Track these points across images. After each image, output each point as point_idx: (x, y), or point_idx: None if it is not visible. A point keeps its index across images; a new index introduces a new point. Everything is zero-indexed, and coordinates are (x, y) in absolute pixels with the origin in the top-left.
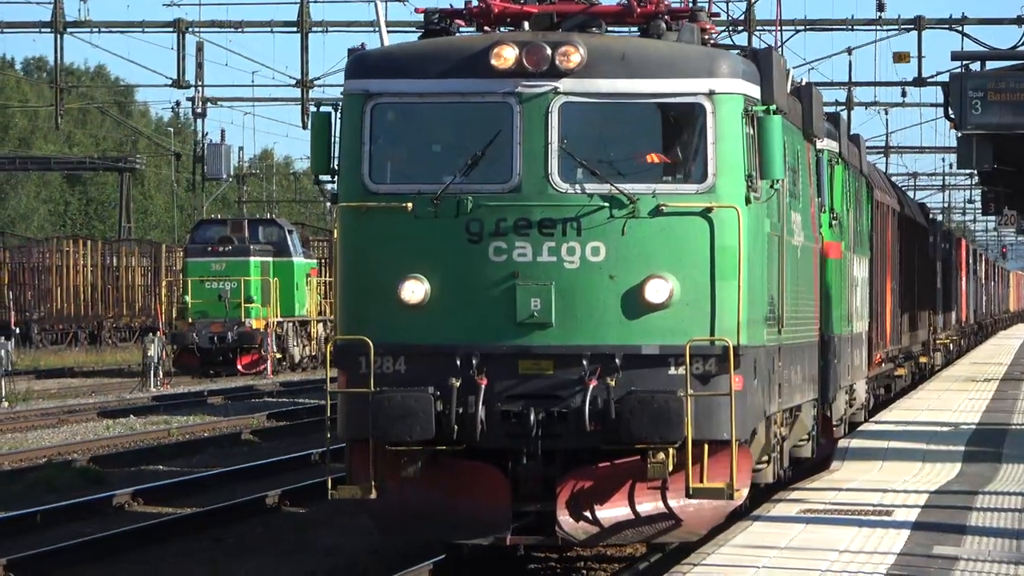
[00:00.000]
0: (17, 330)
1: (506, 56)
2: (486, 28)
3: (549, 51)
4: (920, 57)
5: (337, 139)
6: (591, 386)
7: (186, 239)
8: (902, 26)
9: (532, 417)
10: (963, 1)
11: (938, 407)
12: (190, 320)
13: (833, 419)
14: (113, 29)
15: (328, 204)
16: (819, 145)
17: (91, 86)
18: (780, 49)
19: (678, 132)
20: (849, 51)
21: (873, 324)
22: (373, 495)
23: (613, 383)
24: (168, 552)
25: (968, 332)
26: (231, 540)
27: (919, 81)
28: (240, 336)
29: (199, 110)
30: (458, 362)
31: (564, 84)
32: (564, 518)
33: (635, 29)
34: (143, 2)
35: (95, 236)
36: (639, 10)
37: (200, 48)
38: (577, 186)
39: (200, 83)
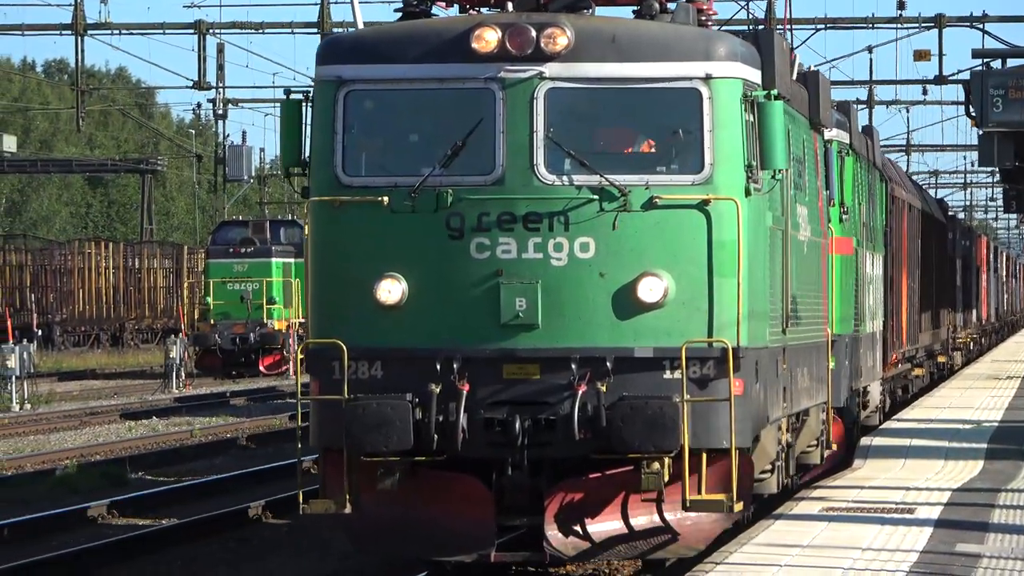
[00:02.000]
0: (39, 332)
1: (488, 39)
2: (469, 9)
3: (534, 33)
4: (941, 55)
5: (309, 129)
6: (580, 391)
7: (208, 240)
8: (922, 24)
9: (517, 425)
10: None
11: (960, 405)
12: (212, 321)
13: (844, 423)
14: (134, 31)
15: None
16: (827, 135)
17: (112, 88)
18: (796, 60)
19: (672, 119)
20: (869, 49)
21: (888, 323)
22: (347, 509)
23: (604, 388)
24: (194, 552)
25: (989, 330)
26: (255, 541)
27: (940, 79)
28: (262, 337)
29: (220, 112)
30: (438, 367)
31: (550, 69)
32: (552, 533)
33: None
34: (163, 4)
35: (117, 238)
36: None
37: (221, 50)
38: (564, 178)
39: (221, 85)
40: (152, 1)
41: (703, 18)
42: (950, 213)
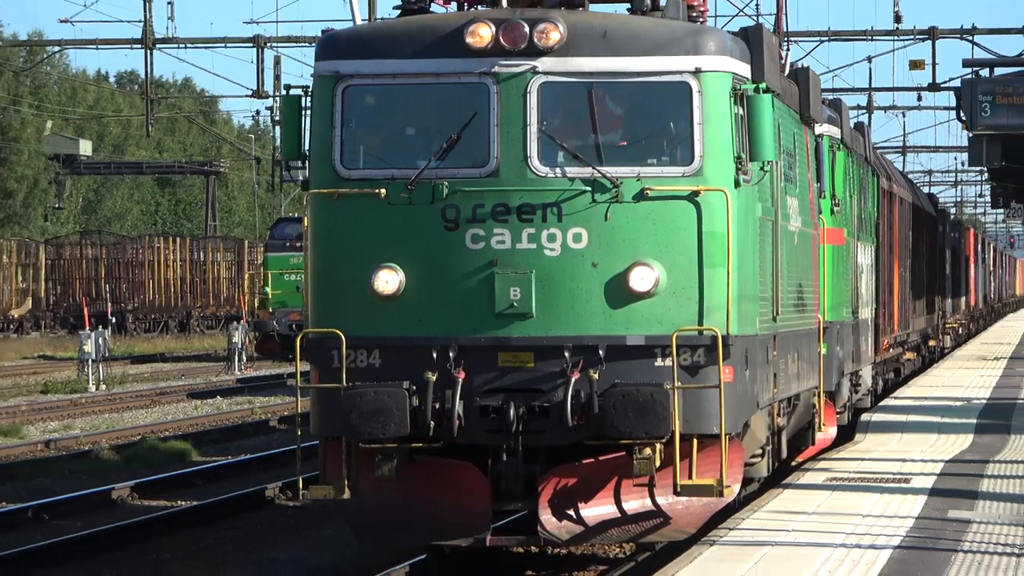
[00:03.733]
0: (113, 319)
1: (482, 34)
2: (466, 6)
3: (527, 28)
4: (934, 64)
5: (308, 123)
6: (573, 379)
7: (266, 235)
8: (917, 36)
9: (512, 412)
10: (974, 12)
11: (951, 384)
12: (270, 309)
13: (836, 406)
14: (198, 45)
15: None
16: (819, 130)
17: (179, 97)
18: (787, 57)
19: (663, 112)
20: (869, 59)
21: (880, 310)
22: (346, 495)
23: (596, 376)
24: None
25: (977, 316)
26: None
27: (933, 87)
28: None
29: (277, 118)
30: (434, 355)
31: (543, 63)
32: (547, 517)
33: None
34: (225, 20)
35: (183, 234)
36: None
37: (277, 62)
38: (557, 170)
39: (277, 94)
40: (215, 17)
41: (694, 14)
42: (940, 207)
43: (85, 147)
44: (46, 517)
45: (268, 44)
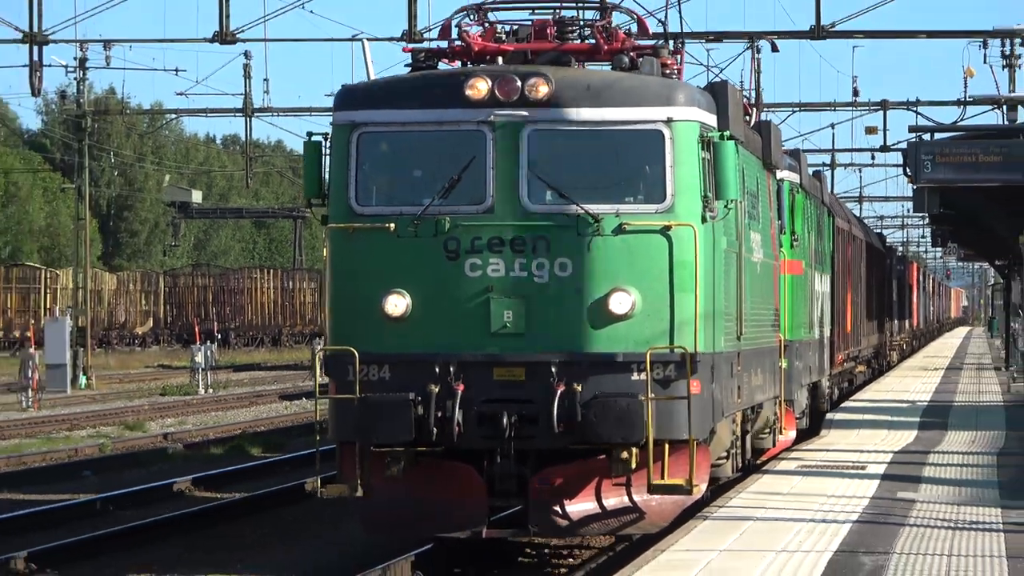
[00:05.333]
0: (219, 336)
1: (479, 87)
2: (468, 65)
3: (519, 82)
4: (885, 130)
5: (327, 166)
6: (559, 391)
7: None
8: (872, 107)
9: (505, 420)
10: (918, 87)
11: (899, 389)
12: None
13: (795, 412)
14: (288, 113)
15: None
16: (780, 175)
17: (272, 155)
18: (754, 114)
19: (639, 156)
20: (832, 126)
21: (835, 330)
22: (359, 493)
23: (580, 388)
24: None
25: (919, 334)
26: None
27: (885, 148)
28: None
29: None
30: (437, 370)
31: (533, 113)
32: (536, 513)
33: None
34: (312, 93)
35: (276, 266)
36: (606, 48)
37: None
38: (546, 207)
39: None
40: (303, 91)
41: (667, 71)
42: (888, 244)
43: (196, 196)
44: (113, 506)
45: None
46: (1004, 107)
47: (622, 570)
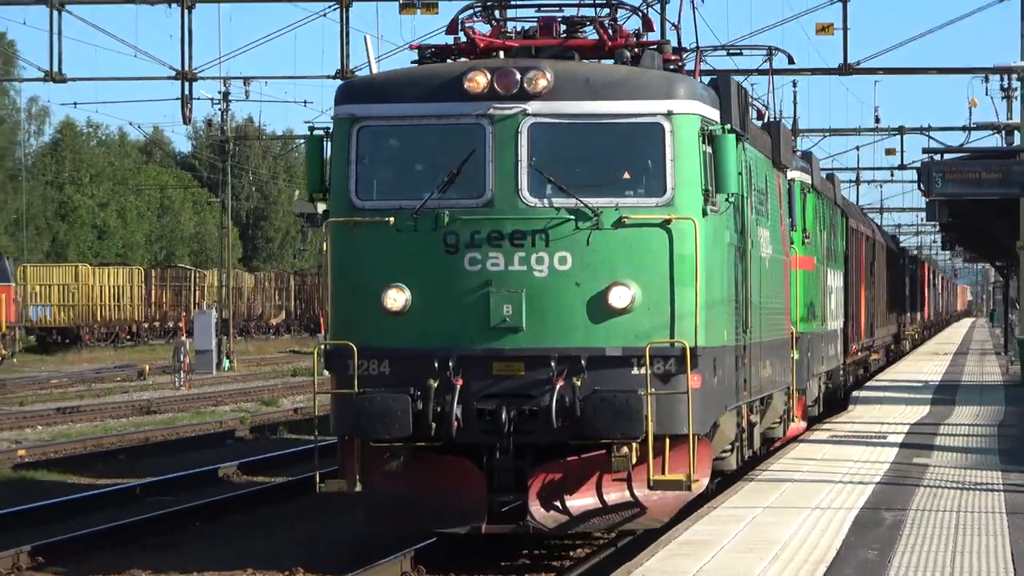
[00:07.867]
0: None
1: (478, 81)
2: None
3: (518, 76)
4: (902, 151)
5: (328, 160)
6: (558, 386)
7: None
8: (891, 132)
9: (504, 415)
10: (930, 115)
11: (914, 371)
12: None
13: (808, 401)
14: None
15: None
16: (791, 175)
17: None
18: (767, 115)
19: (638, 150)
20: (857, 148)
21: (849, 322)
22: (358, 488)
23: (579, 383)
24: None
25: (930, 325)
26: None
27: (902, 166)
28: None
29: None
30: (436, 364)
31: (532, 106)
32: (535, 508)
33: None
34: None
35: None
36: (610, 44)
37: None
38: (545, 200)
39: None
40: None
41: (670, 66)
42: (902, 246)
43: (320, 208)
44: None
45: None
46: (1003, 132)
47: (682, 523)
